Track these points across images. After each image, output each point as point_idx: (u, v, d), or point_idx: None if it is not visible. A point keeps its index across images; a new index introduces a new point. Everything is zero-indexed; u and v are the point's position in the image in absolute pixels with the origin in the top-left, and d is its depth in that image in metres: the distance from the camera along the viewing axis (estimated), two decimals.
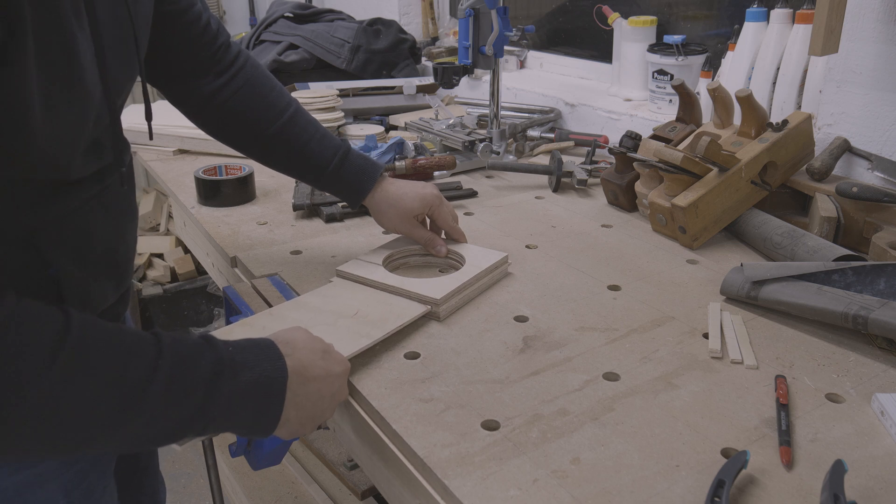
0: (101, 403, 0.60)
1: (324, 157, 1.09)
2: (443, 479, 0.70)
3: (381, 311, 0.97)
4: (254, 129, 1.08)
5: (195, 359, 0.66)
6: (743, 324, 0.97)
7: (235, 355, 0.70)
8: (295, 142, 1.09)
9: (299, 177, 1.15)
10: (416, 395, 0.83)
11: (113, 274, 0.88)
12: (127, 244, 0.92)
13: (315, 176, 1.12)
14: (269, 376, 0.71)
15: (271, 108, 1.08)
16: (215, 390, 0.66)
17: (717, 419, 0.78)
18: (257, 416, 0.71)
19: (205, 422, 0.66)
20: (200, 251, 1.48)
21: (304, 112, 1.12)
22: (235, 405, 0.68)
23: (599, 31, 2.02)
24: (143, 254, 3.15)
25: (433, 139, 1.76)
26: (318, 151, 1.09)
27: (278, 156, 1.11)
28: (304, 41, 2.21)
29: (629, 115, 1.80)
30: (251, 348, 0.72)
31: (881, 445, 0.74)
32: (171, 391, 0.63)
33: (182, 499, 2.32)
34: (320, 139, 1.10)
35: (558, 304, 1.04)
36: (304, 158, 1.10)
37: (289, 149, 1.09)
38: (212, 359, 0.67)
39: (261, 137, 1.08)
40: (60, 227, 0.77)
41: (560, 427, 0.77)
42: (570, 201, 1.47)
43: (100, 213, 0.83)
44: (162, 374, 0.63)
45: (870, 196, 1.14)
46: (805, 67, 1.45)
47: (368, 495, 1.60)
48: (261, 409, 0.71)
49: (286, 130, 1.08)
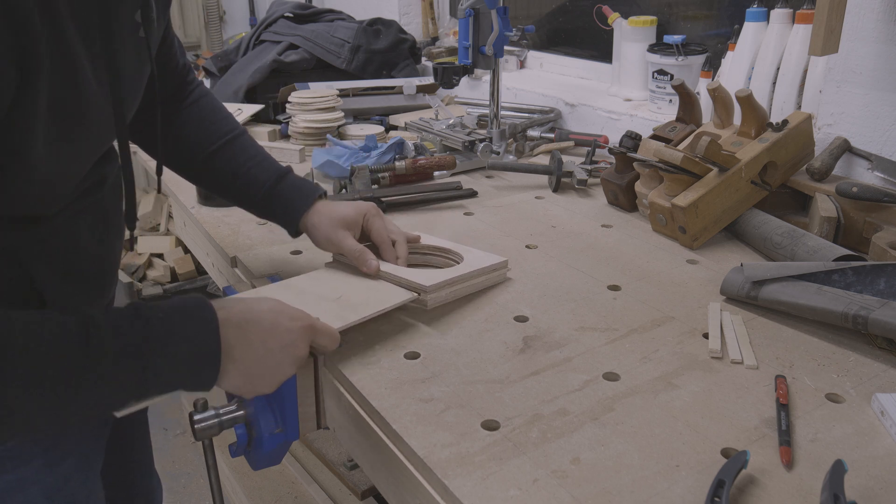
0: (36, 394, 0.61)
1: (259, 179, 1.05)
2: (443, 479, 0.70)
3: (366, 295, 0.96)
4: (193, 150, 1.06)
5: (124, 331, 0.66)
6: (743, 324, 0.97)
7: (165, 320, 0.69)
8: (231, 163, 1.05)
9: (237, 201, 1.10)
10: (416, 395, 0.83)
11: (97, 286, 0.88)
12: (112, 256, 0.92)
13: (250, 199, 1.07)
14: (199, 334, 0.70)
15: (210, 132, 1.06)
16: (147, 362, 0.66)
17: (717, 419, 0.78)
18: (194, 374, 0.71)
19: (142, 390, 0.67)
20: (200, 251, 1.48)
21: (248, 139, 1.08)
22: (170, 367, 0.68)
23: (599, 31, 2.02)
24: (143, 254, 3.15)
25: (433, 139, 1.75)
26: (254, 174, 1.05)
27: (215, 178, 1.08)
28: (304, 41, 2.21)
29: (629, 115, 1.80)
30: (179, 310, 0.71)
31: (881, 445, 0.74)
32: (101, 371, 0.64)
33: (182, 499, 2.32)
34: (259, 163, 1.06)
35: (558, 304, 1.04)
36: (238, 181, 1.05)
37: (224, 172, 1.06)
38: (140, 331, 0.67)
39: (198, 159, 1.06)
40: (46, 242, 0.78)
41: (560, 427, 0.77)
42: (570, 201, 1.47)
43: (85, 228, 0.83)
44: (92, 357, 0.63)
45: (870, 196, 1.14)
46: (805, 67, 1.45)
47: (368, 495, 1.60)
48: (196, 366, 0.71)
49: (223, 152, 1.05)
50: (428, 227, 1.33)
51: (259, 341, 0.75)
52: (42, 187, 0.74)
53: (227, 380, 0.74)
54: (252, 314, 0.76)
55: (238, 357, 0.73)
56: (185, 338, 0.69)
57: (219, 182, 1.08)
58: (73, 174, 0.79)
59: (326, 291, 0.97)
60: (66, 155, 0.75)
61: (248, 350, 0.74)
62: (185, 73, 1.08)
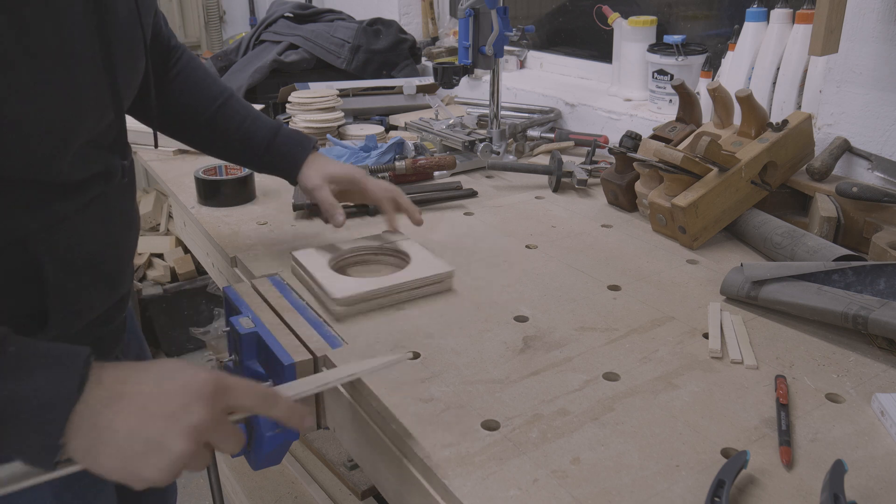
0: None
1: (257, 136, 1.12)
2: (443, 479, 0.70)
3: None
4: (190, 114, 1.11)
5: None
6: (743, 324, 0.97)
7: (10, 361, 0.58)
8: (230, 123, 1.11)
9: (237, 159, 1.18)
10: (416, 395, 0.83)
11: (104, 281, 0.87)
12: (120, 252, 0.89)
13: (250, 156, 1.14)
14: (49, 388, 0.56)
15: (205, 94, 1.11)
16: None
17: (717, 419, 0.78)
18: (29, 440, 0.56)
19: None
20: (200, 251, 1.48)
21: (238, 98, 1.15)
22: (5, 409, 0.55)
23: (599, 31, 2.02)
24: (143, 254, 3.15)
25: (433, 139, 1.75)
26: (252, 131, 1.12)
27: (215, 139, 1.14)
28: (304, 41, 2.21)
29: (629, 115, 1.80)
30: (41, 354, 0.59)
31: (881, 445, 0.74)
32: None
33: (182, 499, 2.32)
34: (254, 120, 1.13)
35: (558, 304, 1.04)
36: (239, 139, 1.12)
37: (224, 131, 1.12)
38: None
39: (196, 123, 1.11)
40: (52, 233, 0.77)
41: (560, 427, 0.77)
42: (570, 201, 1.47)
43: (94, 220, 0.82)
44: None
45: (870, 196, 1.14)
46: (805, 67, 1.45)
47: (368, 495, 1.60)
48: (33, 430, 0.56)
49: (221, 113, 1.11)
50: (428, 227, 1.33)
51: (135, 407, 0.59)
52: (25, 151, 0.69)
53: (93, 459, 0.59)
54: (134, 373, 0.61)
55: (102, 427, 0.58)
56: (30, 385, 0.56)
57: (218, 143, 1.14)
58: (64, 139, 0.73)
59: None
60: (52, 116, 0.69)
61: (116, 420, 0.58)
62: (169, 39, 1.12)
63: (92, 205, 0.81)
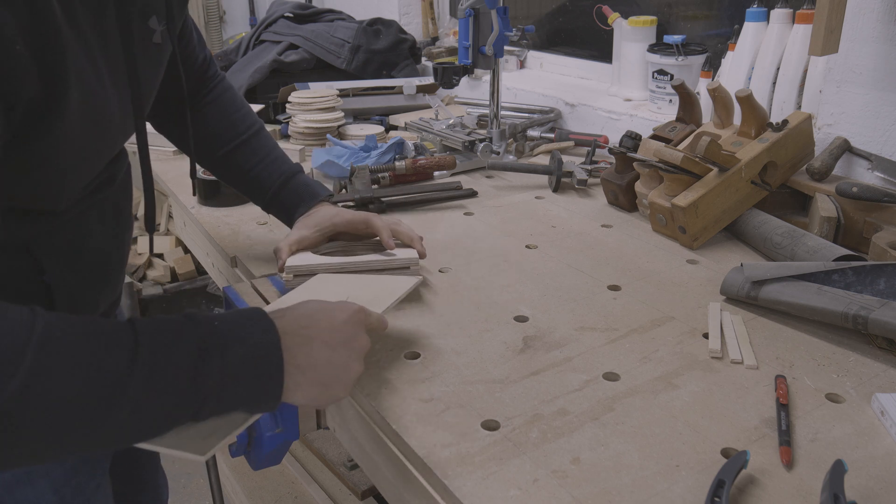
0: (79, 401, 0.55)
1: (265, 183, 1.10)
2: (443, 479, 0.70)
3: (371, 291, 0.94)
4: (208, 145, 1.10)
5: (176, 341, 0.61)
6: (743, 324, 0.97)
7: (221, 328, 0.64)
8: (244, 163, 1.10)
9: (247, 196, 1.16)
10: (416, 395, 0.83)
11: (106, 280, 0.89)
12: (121, 250, 0.92)
13: (258, 200, 1.13)
14: (260, 345, 0.65)
15: (228, 130, 1.10)
16: (203, 370, 0.61)
17: (717, 419, 0.78)
18: (257, 388, 0.65)
19: (197, 405, 0.61)
20: (200, 251, 1.48)
21: (263, 138, 1.13)
22: (229, 381, 0.63)
23: (599, 31, 2.02)
24: (142, 253, 3.15)
25: (433, 139, 1.75)
26: (262, 177, 1.10)
27: (228, 175, 1.14)
28: (304, 41, 2.21)
29: (629, 115, 1.80)
30: (237, 321, 0.67)
31: (881, 445, 0.74)
32: (152, 378, 0.58)
33: (182, 499, 2.32)
34: (270, 163, 1.11)
35: (558, 304, 1.04)
36: (249, 180, 1.11)
37: (238, 168, 1.11)
38: (195, 337, 0.62)
39: (213, 155, 1.11)
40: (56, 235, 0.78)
41: (560, 427, 0.77)
42: (570, 201, 1.47)
43: (96, 221, 0.84)
44: (141, 362, 0.58)
45: (870, 196, 1.14)
46: (805, 67, 1.45)
47: (368, 495, 1.60)
48: (259, 379, 0.65)
49: (238, 151, 1.10)
50: (428, 227, 1.33)
51: (321, 343, 0.70)
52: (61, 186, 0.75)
53: (300, 392, 0.68)
54: (305, 318, 0.71)
55: (304, 365, 0.68)
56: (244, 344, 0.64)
57: (231, 180, 1.14)
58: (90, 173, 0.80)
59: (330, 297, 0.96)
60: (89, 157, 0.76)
61: (313, 355, 0.69)
62: (206, 67, 1.12)
63: (94, 207, 0.83)
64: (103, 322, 0.60)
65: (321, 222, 1.07)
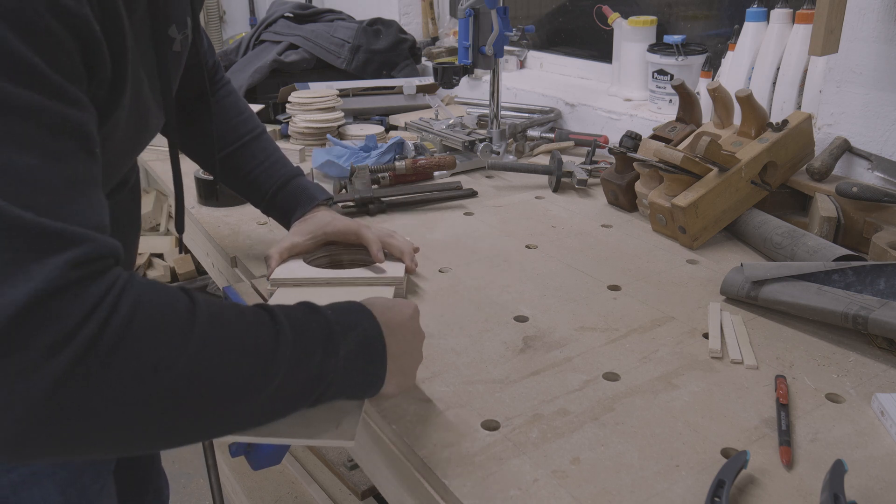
0: (238, 373, 0.58)
1: (265, 185, 1.11)
2: (443, 479, 0.70)
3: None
4: (208, 146, 1.10)
5: (307, 322, 0.64)
6: (743, 324, 0.97)
7: (338, 317, 0.68)
8: (243, 166, 1.12)
9: (249, 201, 1.17)
10: (416, 395, 0.83)
11: None
12: (130, 253, 0.95)
13: (256, 204, 1.14)
14: (369, 333, 0.69)
15: (229, 133, 1.12)
16: (331, 352, 0.64)
17: (717, 419, 0.78)
18: (367, 375, 0.69)
19: (323, 387, 0.64)
20: (200, 251, 1.48)
21: (264, 142, 1.14)
22: (349, 366, 0.66)
23: (599, 31, 2.02)
24: (143, 254, 3.15)
25: (433, 139, 1.75)
26: (261, 180, 1.11)
27: (226, 176, 1.14)
28: (304, 41, 2.21)
29: (629, 115, 1.80)
30: (346, 309, 0.70)
31: (881, 445, 0.74)
32: (295, 354, 0.61)
33: (182, 499, 2.32)
34: (269, 167, 1.12)
35: (558, 304, 1.04)
36: (247, 183, 1.12)
37: (236, 170, 1.12)
38: (320, 322, 0.65)
39: (212, 157, 1.11)
40: None
41: (560, 427, 0.77)
42: (570, 201, 1.47)
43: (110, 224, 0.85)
44: (284, 339, 0.61)
45: (870, 196, 1.14)
46: (805, 67, 1.45)
47: (368, 495, 1.60)
48: (369, 366, 0.69)
49: (238, 154, 1.12)
50: (428, 227, 1.33)
51: (402, 335, 0.73)
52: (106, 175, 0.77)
53: (392, 380, 0.72)
54: (387, 311, 0.73)
55: (395, 354, 0.71)
56: (356, 331, 0.67)
57: (231, 182, 1.15)
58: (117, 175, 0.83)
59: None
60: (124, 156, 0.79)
61: (399, 345, 0.72)
62: (214, 72, 1.14)
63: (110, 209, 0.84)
64: (239, 304, 0.62)
65: (314, 230, 1.08)
